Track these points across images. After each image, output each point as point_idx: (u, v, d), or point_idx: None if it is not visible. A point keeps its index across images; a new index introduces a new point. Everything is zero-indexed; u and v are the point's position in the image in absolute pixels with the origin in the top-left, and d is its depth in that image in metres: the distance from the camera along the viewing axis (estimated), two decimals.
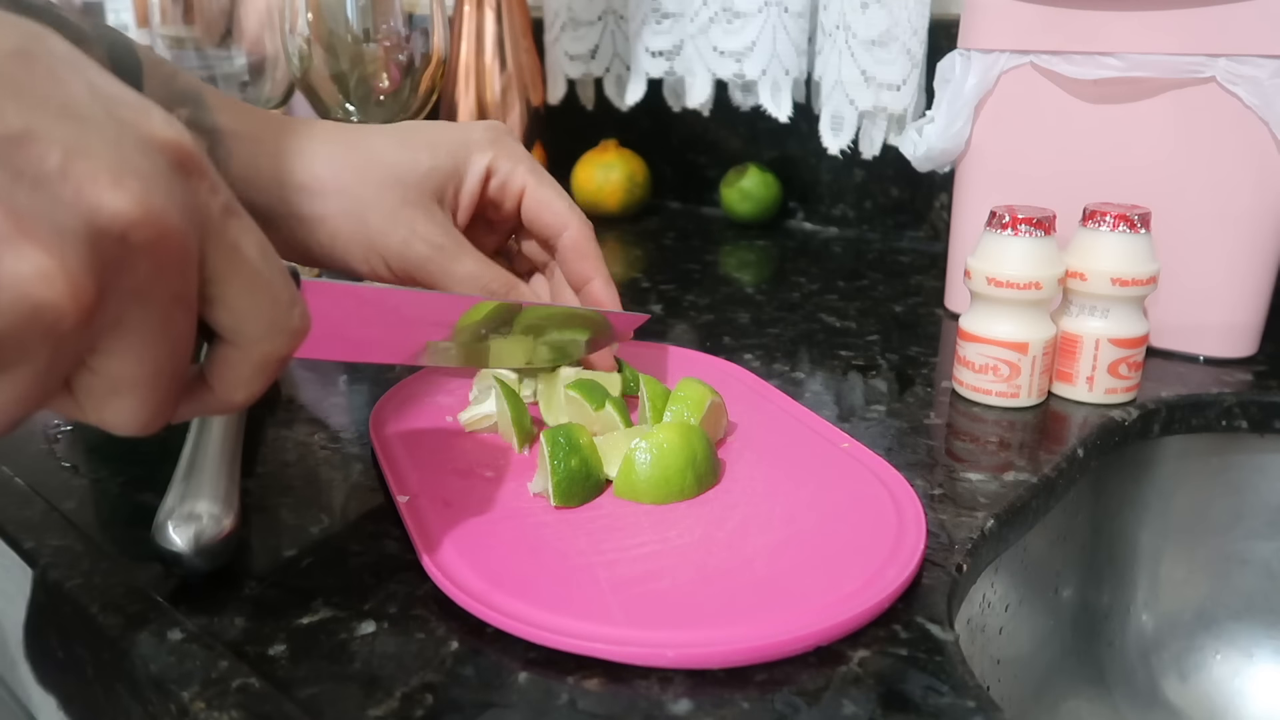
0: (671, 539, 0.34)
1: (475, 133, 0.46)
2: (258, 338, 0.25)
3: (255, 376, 0.26)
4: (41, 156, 0.19)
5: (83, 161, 0.20)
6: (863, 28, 0.75)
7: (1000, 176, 0.59)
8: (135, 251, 0.21)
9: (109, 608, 0.31)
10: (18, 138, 0.19)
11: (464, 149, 0.45)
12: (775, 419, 0.45)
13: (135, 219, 0.20)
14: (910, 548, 0.33)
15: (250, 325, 0.25)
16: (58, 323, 0.20)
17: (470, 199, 0.46)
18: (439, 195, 0.45)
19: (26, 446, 0.43)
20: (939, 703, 0.27)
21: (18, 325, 0.19)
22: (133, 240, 0.20)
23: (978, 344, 0.48)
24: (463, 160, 0.45)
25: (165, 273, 0.22)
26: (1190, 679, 0.55)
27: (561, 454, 0.36)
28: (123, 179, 0.20)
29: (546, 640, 0.29)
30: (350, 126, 0.46)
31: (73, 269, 0.19)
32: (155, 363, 0.23)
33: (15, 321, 0.19)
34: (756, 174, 0.90)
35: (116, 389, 0.23)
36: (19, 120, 0.19)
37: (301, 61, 0.61)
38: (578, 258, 0.46)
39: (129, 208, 0.20)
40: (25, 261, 0.19)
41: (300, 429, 0.46)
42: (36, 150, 0.19)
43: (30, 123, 0.19)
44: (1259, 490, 0.53)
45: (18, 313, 0.19)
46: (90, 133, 0.20)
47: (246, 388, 0.26)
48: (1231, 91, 0.50)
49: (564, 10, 0.96)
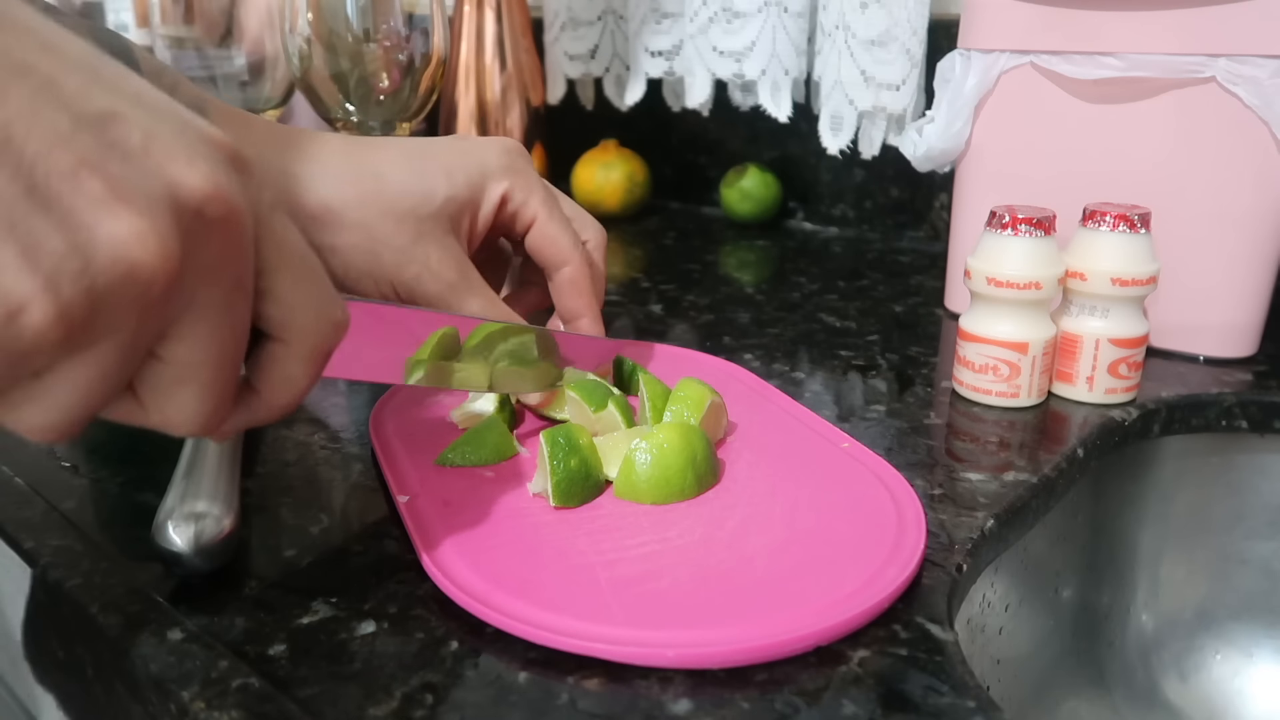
0: (671, 539, 0.34)
1: (491, 158, 0.45)
2: (306, 330, 0.26)
3: (302, 374, 0.27)
4: (127, 134, 0.21)
5: (160, 142, 0.21)
6: (862, 28, 0.75)
7: (1000, 176, 0.59)
8: (209, 227, 0.22)
9: (109, 608, 0.31)
10: (106, 116, 0.21)
11: (480, 176, 0.44)
12: (775, 419, 0.45)
13: (209, 194, 0.22)
14: (910, 548, 0.33)
15: (299, 316, 0.26)
16: (149, 286, 0.21)
17: (484, 227, 0.45)
18: (454, 226, 0.44)
19: (26, 446, 0.43)
20: (939, 703, 0.27)
21: (114, 286, 0.20)
22: (207, 215, 0.22)
23: (978, 344, 0.48)
24: (479, 188, 0.44)
25: (232, 252, 0.23)
26: (1190, 679, 0.55)
27: (561, 454, 0.36)
28: (195, 160, 0.22)
29: (546, 640, 0.29)
30: (357, 144, 0.44)
31: (163, 233, 0.21)
32: (220, 348, 0.24)
33: (112, 282, 0.20)
34: (756, 174, 0.90)
35: (182, 378, 0.24)
36: (105, 101, 0.21)
37: (301, 61, 0.61)
38: (573, 294, 0.46)
39: (204, 184, 0.22)
40: (122, 223, 0.20)
41: (300, 429, 0.46)
42: (122, 128, 0.21)
43: (114, 105, 0.21)
44: (1259, 490, 0.53)
45: (114, 273, 0.20)
46: (161, 120, 0.22)
47: (292, 387, 0.27)
48: (1231, 91, 0.50)
49: (564, 10, 0.96)
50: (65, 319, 0.20)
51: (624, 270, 0.77)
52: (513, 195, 0.45)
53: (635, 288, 0.72)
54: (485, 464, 0.40)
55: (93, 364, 0.21)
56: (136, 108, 0.21)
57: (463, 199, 0.44)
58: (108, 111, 0.21)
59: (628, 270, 0.77)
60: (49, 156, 0.20)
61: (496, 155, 0.45)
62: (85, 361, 0.21)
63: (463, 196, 0.44)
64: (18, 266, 0.19)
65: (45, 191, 0.19)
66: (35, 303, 0.19)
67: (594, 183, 0.94)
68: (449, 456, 0.40)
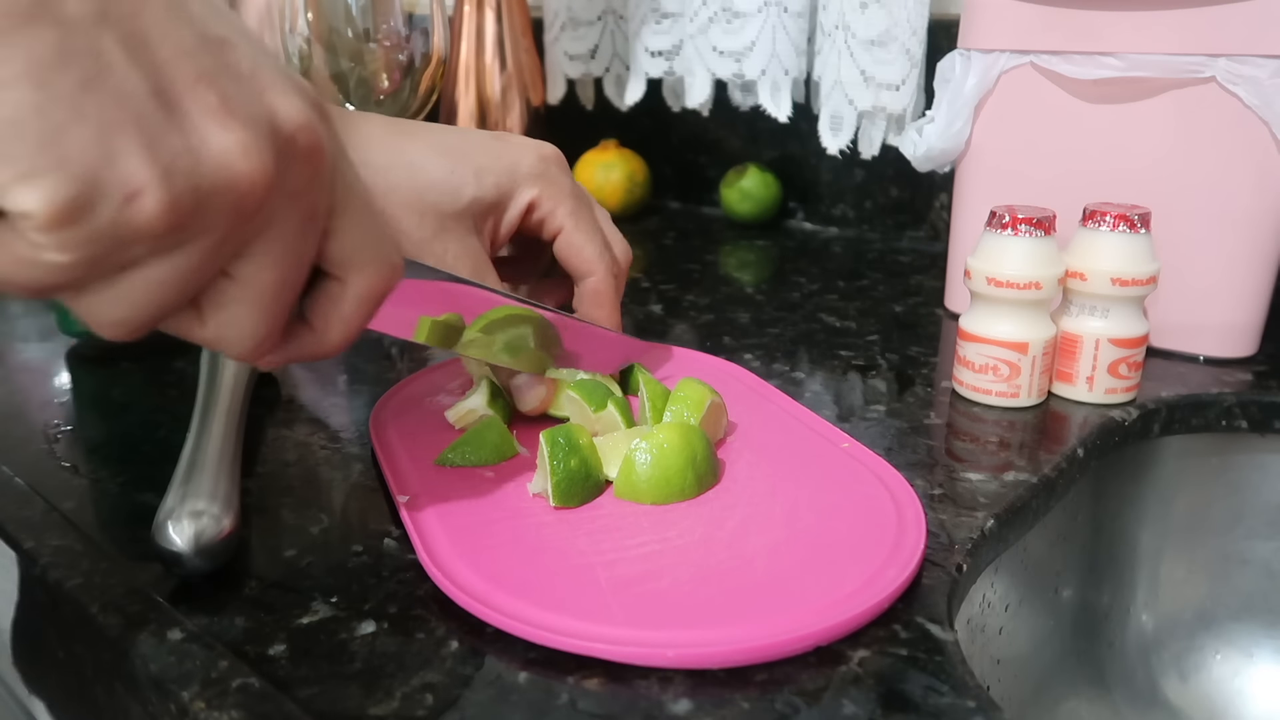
0: (671, 539, 0.34)
1: (524, 163, 0.45)
2: (365, 268, 0.28)
3: (354, 313, 0.28)
4: (238, 60, 0.23)
5: (265, 72, 0.23)
6: (862, 28, 0.75)
7: (1000, 176, 0.59)
8: (298, 154, 0.24)
9: (109, 608, 0.31)
10: (224, 41, 0.23)
11: (511, 181, 0.44)
12: (775, 419, 0.45)
13: (302, 123, 0.24)
14: (910, 548, 0.33)
15: (358, 255, 0.28)
16: (246, 196, 0.23)
17: (509, 230, 0.45)
18: (478, 225, 0.44)
19: (26, 446, 0.43)
20: (939, 703, 0.27)
21: (217, 189, 0.22)
22: (298, 143, 0.24)
23: (978, 344, 0.48)
24: (508, 193, 0.44)
25: (313, 182, 0.25)
26: (1190, 679, 0.55)
27: (561, 454, 0.36)
28: (291, 93, 0.24)
29: (547, 640, 0.29)
30: (396, 131, 0.44)
31: (263, 149, 0.23)
32: (284, 273, 0.25)
33: (217, 185, 0.22)
34: (756, 174, 0.90)
35: (245, 298, 0.25)
36: (223, 29, 0.23)
37: (301, 61, 0.61)
38: (595, 304, 0.46)
39: (299, 114, 0.24)
40: (231, 135, 0.22)
41: (300, 429, 0.46)
42: (235, 54, 0.23)
43: (229, 33, 0.23)
44: (1259, 490, 0.53)
45: (219, 177, 0.22)
46: (265, 56, 0.24)
47: (345, 326, 0.29)
48: (1231, 91, 0.50)
49: (564, 10, 0.96)
50: (174, 210, 0.21)
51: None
52: (540, 203, 0.45)
53: (635, 288, 0.72)
54: (485, 464, 0.40)
55: (177, 265, 0.23)
56: (246, 42, 0.24)
57: (489, 201, 0.44)
58: (224, 38, 0.23)
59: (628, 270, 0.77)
60: (176, 64, 0.21)
61: (531, 161, 0.45)
62: (172, 261, 0.23)
63: (489, 198, 0.44)
64: (141, 156, 0.21)
65: (170, 94, 0.21)
66: (151, 190, 0.21)
67: (594, 183, 0.94)
68: (449, 456, 0.40)
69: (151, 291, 0.23)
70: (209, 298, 0.25)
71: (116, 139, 0.20)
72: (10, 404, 0.49)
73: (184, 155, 0.21)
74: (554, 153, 0.46)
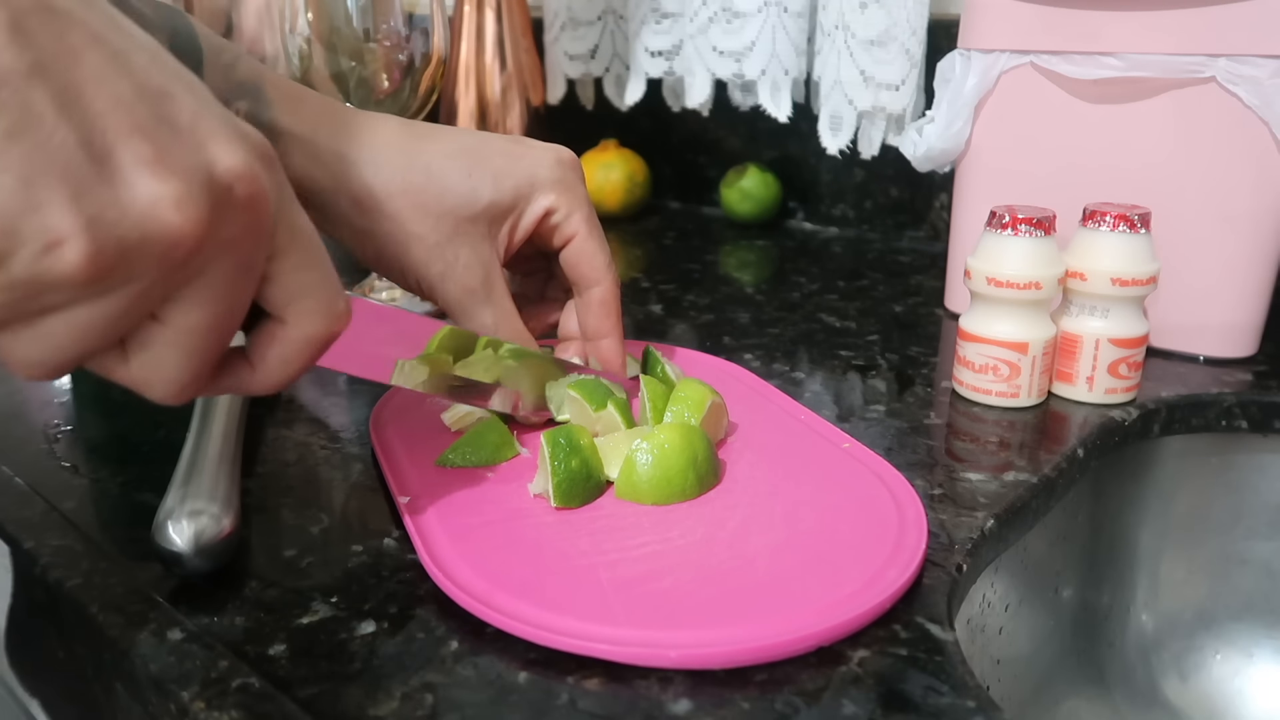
0: (673, 539, 0.34)
1: (543, 169, 0.44)
2: (306, 315, 0.28)
3: (296, 356, 0.28)
4: (178, 112, 0.23)
5: (205, 123, 0.24)
6: (862, 28, 0.75)
7: (1000, 176, 0.59)
8: (235, 205, 0.24)
9: (109, 608, 0.31)
10: (163, 93, 0.23)
11: (529, 186, 0.44)
12: (776, 419, 0.45)
13: (242, 174, 0.24)
14: (911, 548, 0.33)
15: (303, 299, 0.27)
16: (174, 247, 0.23)
17: (523, 236, 0.45)
18: (492, 231, 0.44)
19: (26, 446, 0.43)
20: (939, 703, 0.27)
21: (144, 240, 0.22)
22: (236, 192, 0.24)
23: (978, 344, 0.48)
24: (525, 198, 0.44)
25: (251, 232, 0.25)
26: (1190, 679, 0.55)
27: (562, 455, 0.36)
28: (232, 143, 0.24)
29: (548, 640, 0.29)
30: (412, 134, 0.44)
31: (197, 201, 0.23)
32: (216, 320, 0.25)
33: (144, 236, 0.22)
34: (756, 174, 0.90)
35: (172, 342, 0.25)
36: (164, 80, 0.23)
37: (301, 61, 0.61)
38: (601, 315, 0.46)
39: (238, 164, 0.24)
40: (162, 186, 0.22)
41: (300, 429, 0.46)
42: (175, 106, 0.23)
43: (171, 85, 0.23)
44: (1259, 490, 0.53)
45: (147, 228, 0.22)
46: (208, 106, 0.24)
47: (286, 368, 0.28)
48: (1231, 91, 0.50)
49: (564, 10, 0.96)
50: (95, 261, 0.21)
51: (624, 270, 0.77)
52: (557, 209, 0.45)
53: (635, 288, 0.72)
54: (486, 465, 0.40)
55: (101, 310, 0.23)
56: (189, 93, 0.24)
57: (506, 205, 0.44)
58: (165, 90, 0.23)
59: (628, 270, 0.77)
60: (110, 116, 0.22)
61: (549, 167, 0.45)
62: (95, 307, 0.23)
63: (506, 203, 0.44)
64: (65, 207, 0.21)
65: (101, 146, 0.22)
66: (73, 240, 0.21)
67: (594, 183, 0.94)
68: (449, 457, 0.40)
69: (73, 334, 0.23)
70: (135, 339, 0.25)
71: (39, 189, 0.21)
72: (10, 404, 0.49)
73: (111, 206, 0.22)
74: (572, 159, 0.46)
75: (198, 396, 0.28)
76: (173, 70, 0.24)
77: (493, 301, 0.44)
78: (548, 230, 0.45)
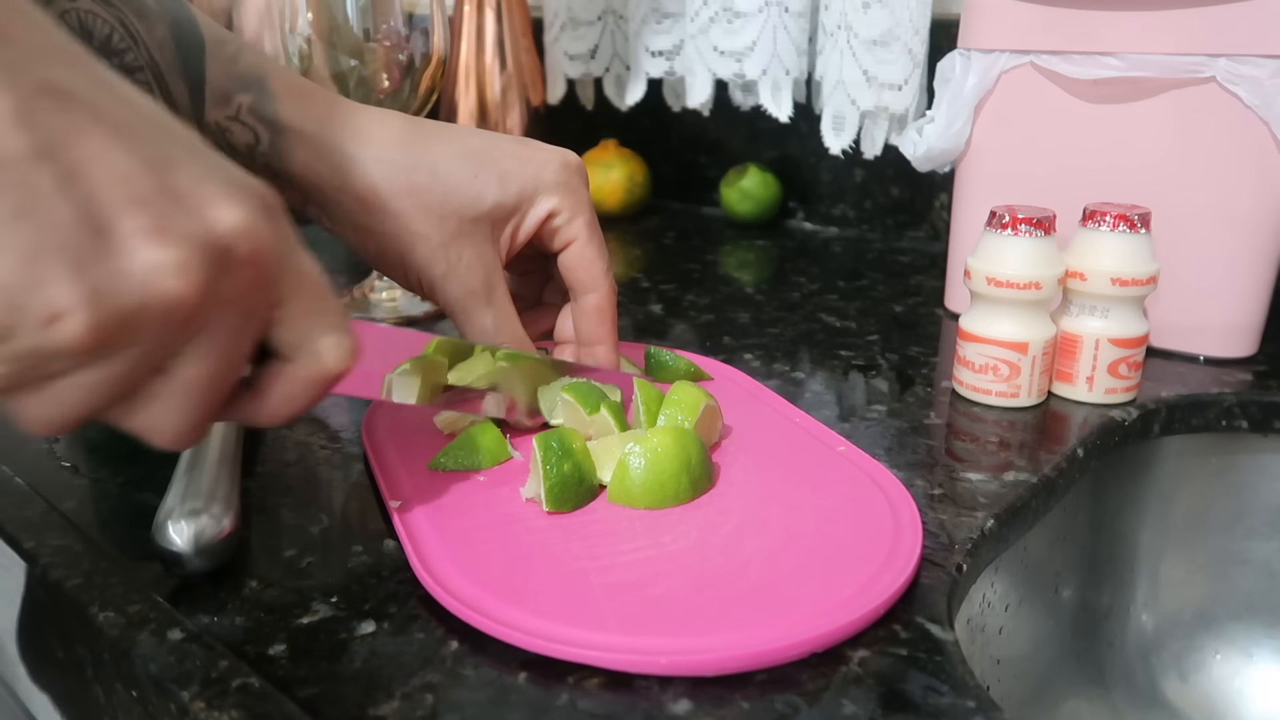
0: (666, 544, 0.34)
1: (548, 171, 0.44)
2: (312, 356, 0.28)
3: (304, 394, 0.29)
4: (178, 179, 0.24)
5: (206, 186, 0.24)
6: (864, 27, 0.75)
7: (1000, 176, 0.59)
8: (237, 264, 0.24)
9: (109, 608, 0.31)
10: (165, 162, 0.24)
11: (534, 188, 0.44)
12: (771, 422, 0.45)
13: (242, 232, 0.24)
14: (906, 552, 0.33)
15: (307, 343, 0.28)
16: (175, 310, 0.23)
17: (525, 238, 0.45)
18: (495, 233, 0.44)
19: (26, 446, 0.43)
20: (939, 703, 0.27)
21: (145, 308, 0.23)
22: (237, 252, 0.24)
23: (978, 344, 0.48)
24: (529, 200, 0.44)
25: (254, 286, 0.25)
26: (1190, 679, 0.55)
27: (554, 459, 0.36)
28: (232, 202, 0.24)
29: (539, 648, 0.29)
30: (418, 132, 0.44)
31: (196, 267, 0.23)
32: (217, 372, 0.26)
33: (144, 303, 0.23)
34: (756, 174, 0.90)
35: (176, 392, 0.26)
36: (166, 149, 0.24)
37: (302, 61, 0.61)
38: (597, 321, 0.46)
39: (239, 223, 0.24)
40: (163, 254, 0.23)
41: (300, 429, 0.46)
42: (175, 174, 0.24)
43: (170, 153, 0.24)
44: (1259, 490, 0.53)
45: (147, 296, 0.23)
46: (210, 167, 0.25)
47: (292, 404, 0.29)
48: (1231, 91, 0.50)
49: (564, 10, 0.96)
50: (97, 331, 0.22)
51: (624, 270, 0.77)
52: (560, 212, 0.45)
53: (635, 288, 0.72)
54: (479, 468, 0.40)
55: (105, 372, 0.23)
56: (191, 158, 0.24)
57: (510, 207, 0.44)
58: (167, 158, 0.24)
59: (628, 270, 0.77)
60: (110, 190, 0.22)
61: (555, 170, 0.45)
62: (100, 369, 0.23)
63: (511, 205, 0.44)
64: (66, 279, 0.22)
65: (100, 219, 0.22)
66: (75, 313, 0.22)
67: (594, 183, 0.94)
68: (441, 461, 0.40)
69: (80, 395, 0.24)
70: (141, 392, 0.25)
71: (40, 265, 0.21)
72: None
73: (111, 277, 0.22)
74: (577, 163, 0.46)
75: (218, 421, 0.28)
76: (175, 136, 0.25)
77: (494, 303, 0.44)
78: (549, 233, 0.45)
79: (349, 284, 0.70)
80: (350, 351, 0.29)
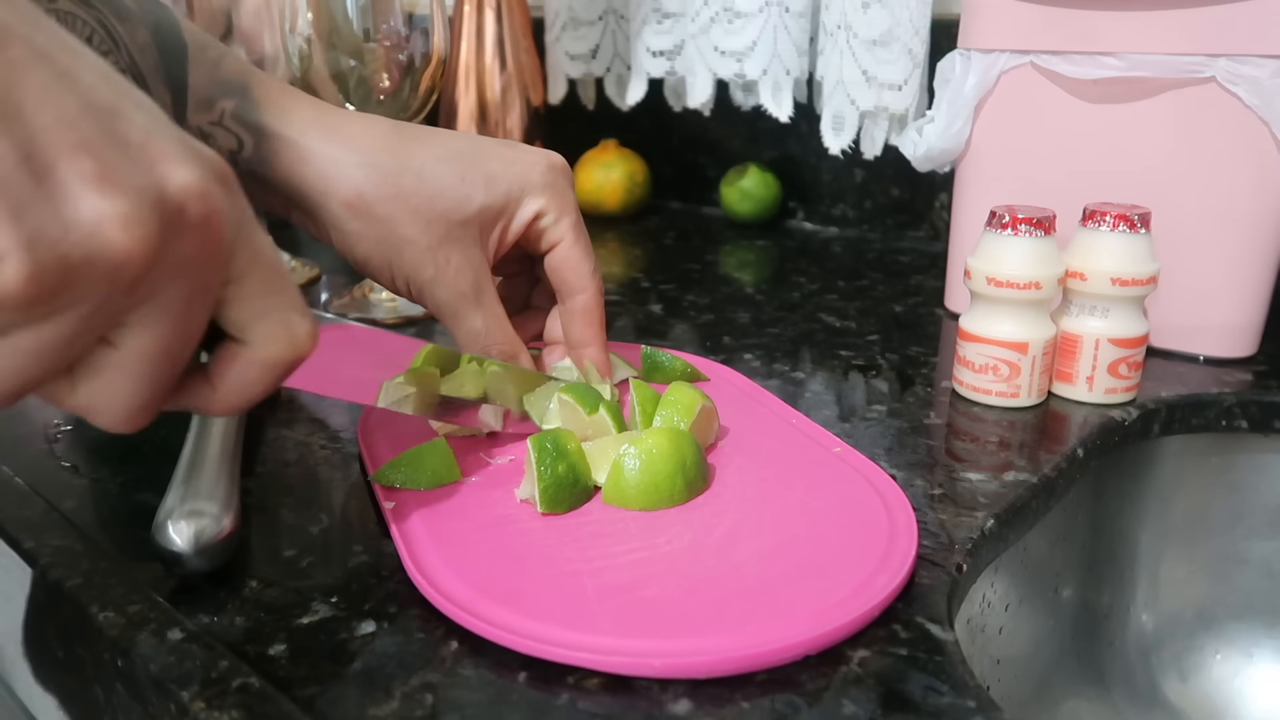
0: (660, 546, 0.34)
1: (534, 173, 0.45)
2: (266, 339, 0.27)
3: (259, 379, 0.27)
4: (127, 129, 0.22)
5: (156, 141, 0.23)
6: (864, 27, 0.75)
7: (1000, 176, 0.59)
8: (188, 226, 0.23)
9: (109, 608, 0.31)
10: (112, 110, 0.22)
11: (520, 190, 0.44)
12: (767, 423, 0.45)
13: (195, 193, 0.23)
14: (902, 554, 0.33)
15: (261, 325, 0.26)
16: (121, 268, 0.22)
17: (513, 240, 0.45)
18: (483, 235, 0.44)
19: (26, 446, 0.43)
20: (939, 703, 0.27)
21: (88, 260, 0.21)
22: (189, 213, 0.23)
23: (978, 344, 0.48)
24: (516, 201, 0.44)
25: (205, 255, 0.24)
26: (1190, 679, 0.55)
27: (549, 460, 0.36)
28: (185, 161, 0.23)
29: (533, 650, 0.29)
30: (404, 136, 0.44)
31: (145, 219, 0.22)
32: (168, 345, 0.24)
33: (87, 255, 0.21)
34: (756, 174, 0.90)
35: (123, 366, 0.24)
36: (113, 98, 0.22)
37: (302, 61, 0.61)
38: (584, 323, 0.46)
39: (192, 183, 0.23)
40: (107, 203, 0.21)
41: (300, 429, 0.46)
42: (124, 124, 0.22)
43: (120, 103, 0.22)
44: (1259, 490, 0.53)
45: (90, 247, 0.21)
46: (160, 124, 0.23)
47: (247, 391, 0.27)
48: (1231, 91, 0.50)
49: (564, 10, 0.96)
50: (36, 279, 0.21)
51: (624, 270, 0.77)
52: (546, 213, 0.45)
53: (635, 288, 0.72)
54: (424, 488, 0.38)
55: (46, 334, 0.22)
56: (140, 111, 0.23)
57: (497, 210, 0.44)
58: (114, 107, 0.22)
59: (628, 270, 0.77)
60: (53, 132, 0.21)
61: (540, 171, 0.45)
62: (41, 330, 0.22)
63: (498, 207, 0.44)
64: (2, 221, 0.20)
65: (42, 162, 0.21)
66: (10, 258, 0.20)
67: (594, 183, 0.94)
68: (388, 475, 0.38)
69: (19, 361, 0.22)
70: (83, 364, 0.24)
71: None
72: None
73: (52, 224, 0.21)
74: (563, 164, 0.46)
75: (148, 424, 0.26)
76: (123, 89, 0.23)
77: (483, 305, 0.44)
78: (535, 234, 0.45)
79: (348, 284, 0.70)
80: (309, 334, 0.27)
